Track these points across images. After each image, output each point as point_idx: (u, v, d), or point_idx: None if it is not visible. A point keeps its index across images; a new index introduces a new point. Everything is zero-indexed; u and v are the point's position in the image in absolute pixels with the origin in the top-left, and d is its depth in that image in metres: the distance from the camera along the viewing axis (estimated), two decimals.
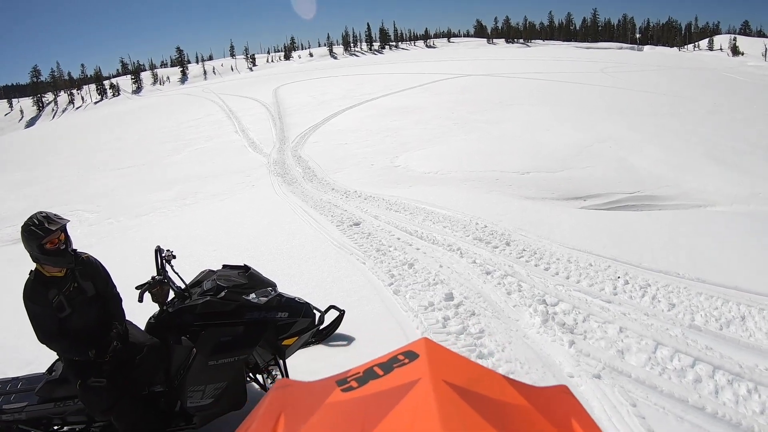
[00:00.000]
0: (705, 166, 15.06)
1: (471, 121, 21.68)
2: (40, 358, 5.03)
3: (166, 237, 9.96)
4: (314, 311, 4.68)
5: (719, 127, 21.70)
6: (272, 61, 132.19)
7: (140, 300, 4.00)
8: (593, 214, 10.93)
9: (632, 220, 10.27)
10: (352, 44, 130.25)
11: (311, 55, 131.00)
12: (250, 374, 4.56)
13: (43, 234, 3.59)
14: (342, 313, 5.89)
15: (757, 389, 5.33)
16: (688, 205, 12.20)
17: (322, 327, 5.56)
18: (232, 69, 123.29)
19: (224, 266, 4.56)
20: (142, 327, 4.37)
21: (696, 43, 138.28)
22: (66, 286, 3.88)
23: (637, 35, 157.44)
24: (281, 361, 4.48)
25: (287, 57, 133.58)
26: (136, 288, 4.05)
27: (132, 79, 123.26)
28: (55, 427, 4.26)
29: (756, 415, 4.98)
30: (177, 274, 4.33)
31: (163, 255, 4.22)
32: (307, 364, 5.23)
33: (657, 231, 9.38)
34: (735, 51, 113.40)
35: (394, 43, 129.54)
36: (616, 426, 4.57)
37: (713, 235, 9.23)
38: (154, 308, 4.30)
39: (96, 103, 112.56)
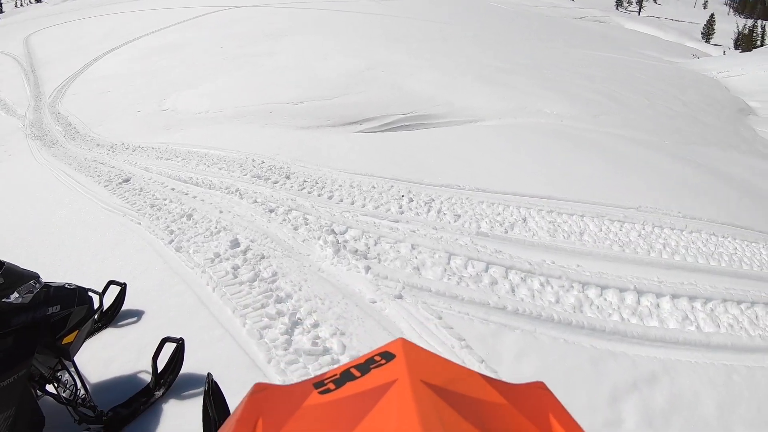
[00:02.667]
0: (474, 85, 15.80)
1: (241, 55, 20.68)
2: None
3: None
4: (90, 294, 3.97)
5: (485, 49, 22.97)
6: (22, 4, 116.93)
7: None
8: (370, 137, 10.97)
9: (409, 139, 10.45)
10: None
11: None
12: (38, 389, 3.81)
13: None
14: (123, 286, 5.18)
15: (548, 282, 5.64)
16: (460, 122, 12.71)
17: (105, 309, 4.93)
18: None
19: None
20: None
21: None
22: None
23: None
24: (69, 363, 3.77)
25: None
26: None
27: None
28: None
29: (553, 305, 5.25)
30: None
31: None
32: (99, 354, 4.54)
33: (434, 147, 9.61)
34: None
35: None
36: (426, 340, 4.60)
37: (486, 147, 9.66)
38: None
39: None
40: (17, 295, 3.39)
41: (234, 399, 3.52)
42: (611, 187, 8.27)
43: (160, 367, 4.03)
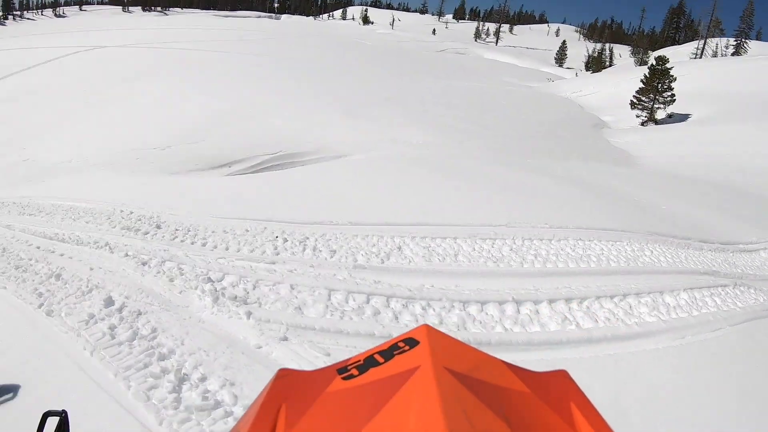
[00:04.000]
0: (340, 121, 16.06)
1: (105, 99, 19.90)
2: None
3: None
4: None
5: (350, 85, 23.42)
6: None
7: None
8: (241, 179, 10.88)
9: (279, 178, 10.43)
10: None
11: None
12: None
13: None
14: None
15: (430, 305, 5.78)
16: (328, 158, 12.85)
17: None
18: None
19: None
20: None
21: (331, 13, 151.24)
22: None
23: (276, 4, 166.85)
24: None
25: None
26: None
27: None
28: None
29: (437, 326, 5.34)
30: None
31: None
32: None
33: (304, 185, 9.64)
34: (365, 20, 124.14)
35: (18, 13, 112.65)
36: None
37: (356, 181, 9.80)
38: None
39: None
40: None
41: None
42: (481, 208, 8.61)
43: None
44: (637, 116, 32.11)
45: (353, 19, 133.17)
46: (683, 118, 31.40)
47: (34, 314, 5.96)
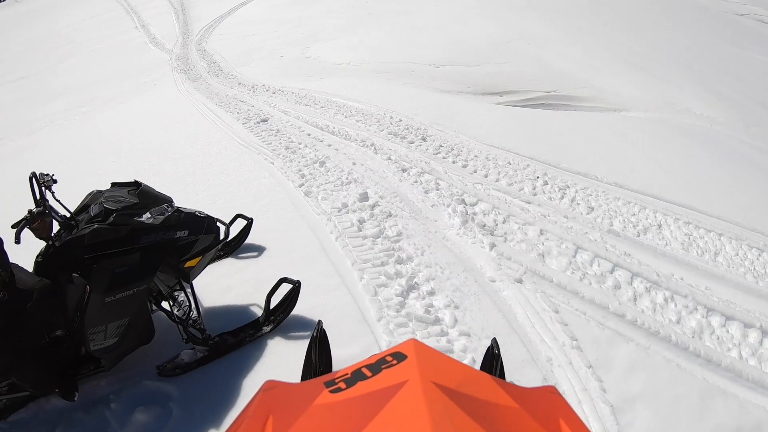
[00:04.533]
0: (622, 71, 14.87)
1: (385, 12, 20.56)
2: None
3: (61, 154, 9.12)
4: (218, 225, 4.10)
5: (636, 34, 21.59)
6: None
7: (17, 241, 3.21)
8: (511, 110, 10.60)
9: (550, 118, 10.04)
10: None
11: None
12: (154, 304, 3.99)
13: None
14: (250, 221, 5.40)
15: (673, 298, 5.27)
16: (603, 108, 12.02)
17: (229, 239, 5.16)
18: None
19: (113, 185, 3.80)
20: (31, 268, 3.56)
21: None
22: None
23: None
24: (187, 285, 3.94)
25: None
26: (12, 227, 3.28)
27: None
28: None
29: (673, 324, 4.90)
30: (59, 201, 3.60)
31: (42, 181, 3.40)
32: (217, 281, 4.74)
33: (574, 132, 9.20)
34: None
35: None
36: (539, 333, 4.41)
37: (630, 141, 9.15)
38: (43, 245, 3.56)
39: None
40: (149, 216, 3.56)
41: (339, 350, 3.56)
42: (756, 210, 7.62)
43: (273, 304, 4.16)
44: None
45: None
46: None
47: (293, 191, 6.44)
